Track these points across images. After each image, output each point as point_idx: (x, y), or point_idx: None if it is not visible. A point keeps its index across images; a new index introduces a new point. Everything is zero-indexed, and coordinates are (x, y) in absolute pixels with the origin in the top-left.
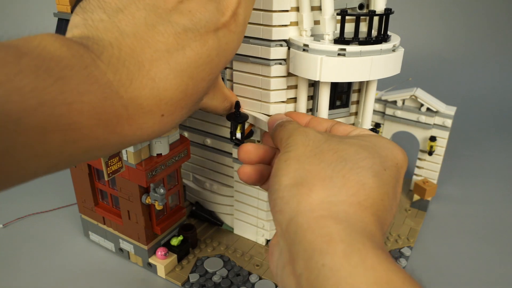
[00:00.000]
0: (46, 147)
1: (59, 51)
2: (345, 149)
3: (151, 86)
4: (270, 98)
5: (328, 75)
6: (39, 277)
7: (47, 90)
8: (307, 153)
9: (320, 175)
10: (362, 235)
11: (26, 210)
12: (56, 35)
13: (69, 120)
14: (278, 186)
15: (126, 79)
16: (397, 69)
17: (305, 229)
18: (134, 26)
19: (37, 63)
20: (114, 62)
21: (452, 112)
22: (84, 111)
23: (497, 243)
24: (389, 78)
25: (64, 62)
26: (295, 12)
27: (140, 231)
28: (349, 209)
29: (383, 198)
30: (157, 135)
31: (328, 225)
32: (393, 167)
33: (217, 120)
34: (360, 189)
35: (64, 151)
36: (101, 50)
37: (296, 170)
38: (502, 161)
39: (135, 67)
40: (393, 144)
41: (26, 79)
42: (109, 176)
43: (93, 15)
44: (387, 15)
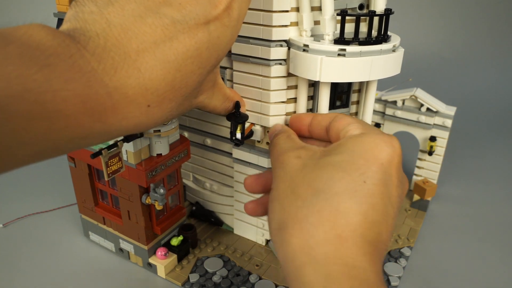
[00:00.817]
0: (32, 135)
1: (45, 39)
2: (318, 176)
3: (137, 76)
4: (270, 98)
5: (328, 75)
6: (39, 277)
7: (32, 77)
8: (286, 190)
9: (298, 216)
10: (342, 278)
11: (26, 210)
12: (43, 25)
13: (54, 107)
14: (270, 230)
15: (110, 68)
16: (397, 69)
17: (291, 279)
18: (122, 18)
19: (22, 50)
20: (99, 51)
21: (452, 112)
22: (68, 98)
23: (497, 243)
24: (389, 78)
25: (50, 50)
26: (295, 12)
27: (140, 231)
28: (328, 249)
29: (367, 215)
30: (145, 127)
31: (307, 274)
32: (377, 171)
33: (217, 120)
34: (337, 218)
35: (49, 139)
36: (87, 40)
37: (278, 213)
38: (502, 161)
39: (121, 57)
40: (375, 142)
41: (11, 66)
42: (109, 176)
43: (84, 8)
44: (387, 15)
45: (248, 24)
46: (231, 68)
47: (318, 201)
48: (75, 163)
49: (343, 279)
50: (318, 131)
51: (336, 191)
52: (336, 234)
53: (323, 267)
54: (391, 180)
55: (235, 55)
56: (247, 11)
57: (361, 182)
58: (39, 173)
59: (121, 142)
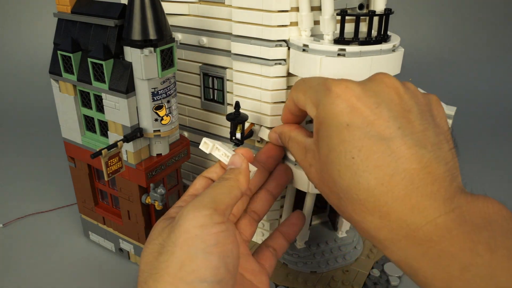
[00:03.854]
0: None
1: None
2: (329, 181)
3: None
4: (270, 98)
5: (328, 75)
6: (39, 277)
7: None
8: (331, 195)
9: (351, 220)
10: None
11: (26, 210)
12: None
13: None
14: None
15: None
16: (397, 69)
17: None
18: None
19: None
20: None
21: (452, 112)
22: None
23: None
24: None
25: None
26: (295, 12)
27: (140, 231)
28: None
29: (382, 182)
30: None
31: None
32: (350, 136)
33: (217, 120)
34: (367, 206)
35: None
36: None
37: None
38: (502, 161)
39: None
40: (328, 106)
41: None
42: (109, 176)
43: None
44: (387, 15)
45: (248, 24)
46: (231, 68)
47: (346, 203)
48: (75, 163)
49: (413, 249)
50: (302, 114)
51: (346, 188)
52: (379, 217)
53: (394, 248)
54: (369, 122)
55: (235, 55)
56: (247, 11)
57: (351, 160)
58: (39, 173)
59: (121, 142)
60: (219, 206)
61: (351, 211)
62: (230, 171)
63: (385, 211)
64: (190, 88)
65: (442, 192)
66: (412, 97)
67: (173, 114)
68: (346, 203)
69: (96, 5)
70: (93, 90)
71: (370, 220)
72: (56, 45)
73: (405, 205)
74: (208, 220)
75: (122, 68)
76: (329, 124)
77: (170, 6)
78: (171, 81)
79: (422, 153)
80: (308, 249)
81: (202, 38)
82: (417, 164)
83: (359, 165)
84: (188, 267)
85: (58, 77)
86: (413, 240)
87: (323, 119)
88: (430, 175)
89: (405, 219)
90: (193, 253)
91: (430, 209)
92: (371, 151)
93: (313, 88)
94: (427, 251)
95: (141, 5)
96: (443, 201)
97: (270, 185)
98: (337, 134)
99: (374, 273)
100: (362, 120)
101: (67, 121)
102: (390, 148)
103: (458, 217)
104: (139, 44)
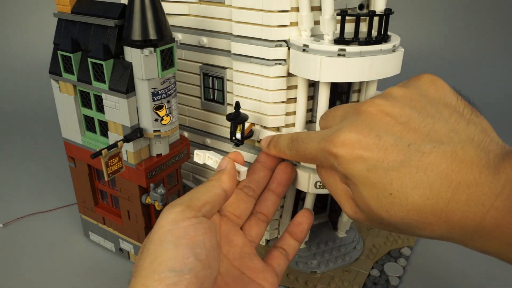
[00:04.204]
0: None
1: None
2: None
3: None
4: (270, 98)
5: (328, 76)
6: (39, 277)
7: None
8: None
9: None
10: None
11: (26, 210)
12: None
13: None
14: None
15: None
16: (397, 69)
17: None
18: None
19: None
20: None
21: None
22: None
23: None
24: (389, 78)
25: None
26: (295, 12)
27: (140, 231)
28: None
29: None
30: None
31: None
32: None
33: (217, 120)
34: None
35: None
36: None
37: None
38: None
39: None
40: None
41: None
42: (109, 176)
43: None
44: (387, 15)
45: (248, 24)
46: (231, 68)
47: (409, 231)
48: (75, 163)
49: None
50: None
51: (398, 221)
52: (444, 222)
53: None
54: (382, 159)
55: (235, 55)
56: (247, 11)
57: (388, 196)
58: (39, 173)
59: (121, 142)
60: (194, 203)
61: (417, 231)
62: (215, 173)
63: (445, 216)
64: (190, 88)
65: (484, 171)
66: (403, 105)
67: (173, 114)
68: (406, 229)
69: (96, 5)
70: (93, 90)
71: (437, 228)
72: (56, 45)
73: (458, 203)
74: (180, 215)
75: (122, 68)
76: (353, 178)
77: (170, 6)
78: (171, 81)
79: (442, 150)
80: (308, 249)
81: (202, 38)
82: (444, 162)
83: (398, 197)
84: (159, 259)
85: (58, 77)
86: (484, 231)
87: (348, 175)
88: (463, 164)
89: (467, 214)
90: (164, 246)
91: (483, 196)
92: (400, 179)
93: (317, 157)
94: (499, 236)
95: (141, 5)
96: (490, 181)
97: (272, 185)
98: (364, 182)
99: (374, 273)
100: (375, 160)
101: (67, 121)
102: (413, 166)
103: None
104: (139, 44)
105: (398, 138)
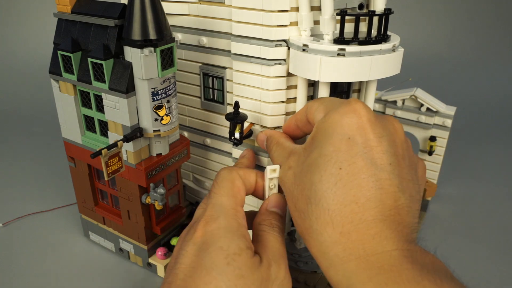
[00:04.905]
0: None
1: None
2: (305, 184)
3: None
4: (270, 98)
5: (327, 75)
6: (38, 277)
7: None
8: (292, 207)
9: (306, 228)
10: (359, 272)
11: (26, 209)
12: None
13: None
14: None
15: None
16: (397, 69)
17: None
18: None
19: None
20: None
21: (452, 112)
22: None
23: (497, 243)
24: (389, 78)
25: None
26: (295, 12)
27: (140, 231)
28: (337, 250)
29: (357, 199)
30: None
31: (332, 276)
32: (347, 149)
33: (217, 120)
34: (333, 217)
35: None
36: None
37: (297, 227)
38: (502, 161)
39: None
40: (335, 120)
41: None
42: (109, 176)
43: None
44: (387, 15)
45: (248, 24)
46: (231, 68)
47: (313, 209)
48: (75, 163)
49: (361, 271)
50: (306, 128)
51: (321, 194)
52: (339, 233)
53: (340, 267)
54: (369, 146)
55: (235, 55)
56: (247, 11)
57: (337, 170)
58: (39, 173)
59: (121, 142)
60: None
61: (315, 218)
62: (281, 220)
63: (348, 229)
64: (190, 88)
65: (404, 233)
66: (408, 150)
67: (173, 114)
68: (313, 209)
69: (96, 5)
70: (93, 90)
71: (329, 233)
72: (56, 45)
73: (369, 230)
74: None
75: (122, 68)
76: (332, 131)
77: (170, 6)
78: (171, 81)
79: (399, 196)
80: (308, 249)
81: (202, 38)
82: (393, 201)
83: (343, 177)
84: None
85: (58, 77)
86: (364, 263)
87: (329, 124)
88: (399, 216)
89: (365, 242)
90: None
91: (390, 241)
92: (359, 170)
93: (332, 100)
94: (375, 276)
95: (141, 5)
96: (403, 239)
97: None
98: (335, 142)
99: None
100: (364, 140)
101: (67, 121)
102: (377, 176)
103: (411, 256)
104: (139, 44)
105: (389, 152)
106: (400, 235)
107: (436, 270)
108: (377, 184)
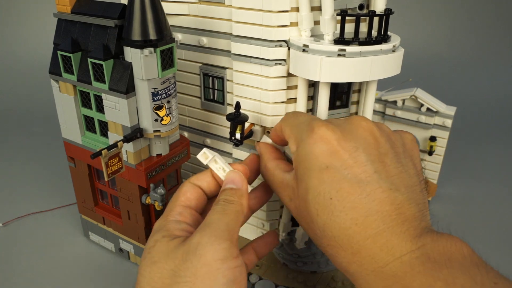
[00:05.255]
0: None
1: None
2: (307, 217)
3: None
4: (270, 99)
5: (328, 76)
6: (38, 277)
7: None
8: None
9: (326, 253)
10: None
11: (25, 209)
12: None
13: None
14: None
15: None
16: (397, 70)
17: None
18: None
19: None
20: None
21: (452, 112)
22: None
23: (497, 243)
24: (389, 78)
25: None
26: (295, 12)
27: (140, 231)
28: (355, 268)
29: (356, 222)
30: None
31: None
32: (324, 180)
33: (217, 120)
34: (340, 243)
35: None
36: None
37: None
38: (502, 161)
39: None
40: (307, 152)
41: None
42: (109, 177)
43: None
44: (387, 16)
45: (248, 24)
46: (231, 68)
47: (322, 239)
48: (75, 163)
49: (380, 282)
50: (286, 143)
51: (323, 225)
52: (351, 253)
53: (363, 280)
54: (348, 166)
55: (235, 55)
56: (247, 11)
57: (329, 201)
58: (39, 173)
59: (121, 142)
60: (234, 237)
61: (326, 245)
62: (233, 193)
63: (357, 248)
64: (190, 88)
65: (411, 231)
66: (387, 140)
67: (173, 114)
68: (321, 239)
69: (96, 5)
70: (93, 90)
71: (342, 255)
72: (56, 45)
73: (375, 243)
74: (228, 254)
75: (122, 68)
76: (309, 164)
77: (170, 6)
78: (171, 81)
79: (395, 196)
80: (308, 249)
81: (202, 38)
82: (389, 205)
83: (336, 206)
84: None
85: (58, 77)
86: (380, 275)
87: (304, 157)
88: (401, 216)
89: (374, 256)
90: (215, 287)
91: (398, 248)
92: (348, 193)
93: (298, 126)
94: (391, 285)
95: (141, 5)
96: (410, 239)
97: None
98: (317, 175)
99: None
100: (341, 163)
101: (67, 121)
102: (366, 191)
103: (422, 254)
104: (139, 44)
105: (370, 160)
106: (407, 236)
107: (449, 263)
108: (369, 198)
